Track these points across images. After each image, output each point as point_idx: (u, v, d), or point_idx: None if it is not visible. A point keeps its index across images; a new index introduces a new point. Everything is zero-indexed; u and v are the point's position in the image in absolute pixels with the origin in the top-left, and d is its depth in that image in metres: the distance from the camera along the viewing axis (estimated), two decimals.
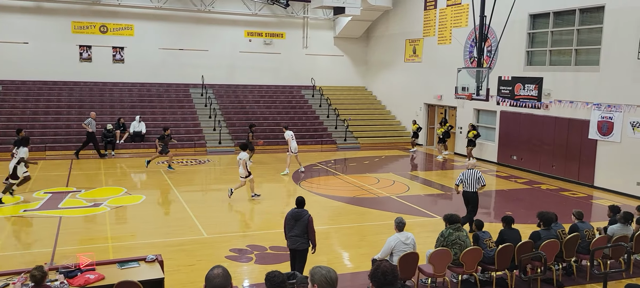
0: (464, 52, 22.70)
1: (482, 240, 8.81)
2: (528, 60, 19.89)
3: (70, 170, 18.14)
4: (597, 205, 15.23)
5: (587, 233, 9.59)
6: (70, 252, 10.02)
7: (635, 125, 15.93)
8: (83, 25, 25.54)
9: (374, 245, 10.41)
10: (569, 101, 18.03)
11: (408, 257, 8.08)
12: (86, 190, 15.10)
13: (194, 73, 27.15)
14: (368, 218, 13.22)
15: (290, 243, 8.49)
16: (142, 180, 17.75)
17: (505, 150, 20.78)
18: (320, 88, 29.16)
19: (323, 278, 3.91)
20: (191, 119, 24.91)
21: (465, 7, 22.54)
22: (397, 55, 27.82)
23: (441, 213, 10.65)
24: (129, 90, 25.98)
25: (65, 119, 23.23)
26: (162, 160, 19.55)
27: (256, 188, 15.08)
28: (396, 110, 28.53)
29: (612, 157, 16.69)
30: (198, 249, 10.50)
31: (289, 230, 8.47)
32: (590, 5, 17.36)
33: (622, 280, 9.25)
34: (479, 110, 22.48)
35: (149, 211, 13.42)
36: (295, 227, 8.39)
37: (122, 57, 26.32)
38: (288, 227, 8.50)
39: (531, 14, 19.50)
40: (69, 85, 25.27)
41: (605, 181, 16.94)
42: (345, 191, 16.25)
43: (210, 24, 27.66)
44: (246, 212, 13.84)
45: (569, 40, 18.25)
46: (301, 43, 29.65)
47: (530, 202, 15.28)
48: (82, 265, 6.87)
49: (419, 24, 25.93)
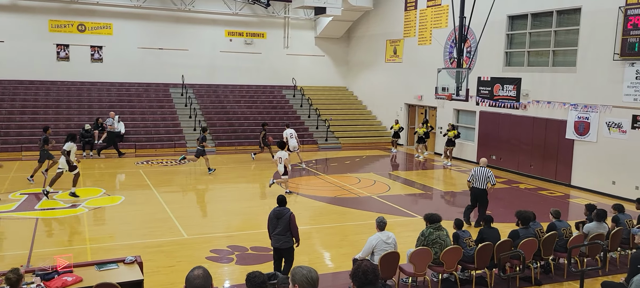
0: (444, 52, 22.89)
1: (462, 239, 8.89)
2: (507, 61, 20.14)
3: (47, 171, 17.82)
4: (574, 204, 15.48)
5: (564, 231, 9.74)
6: (47, 254, 9.86)
7: (611, 125, 16.23)
8: (60, 23, 25.15)
9: (355, 245, 10.43)
10: (547, 101, 18.30)
11: (389, 256, 8.12)
12: (63, 191, 14.86)
13: (174, 72, 26.92)
14: (349, 218, 13.25)
15: (274, 242, 8.53)
16: (121, 180, 17.53)
17: (485, 150, 20.99)
18: (302, 88, 29.14)
19: (304, 278, 3.90)
20: (171, 118, 24.69)
21: (445, 8, 22.72)
22: (378, 55, 27.94)
23: (422, 212, 10.72)
24: (107, 89, 25.64)
25: (42, 119, 22.82)
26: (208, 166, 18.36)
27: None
28: (377, 110, 28.65)
29: (588, 156, 16.98)
30: (178, 250, 10.41)
31: (273, 229, 8.51)
32: (567, 7, 17.64)
33: (598, 278, 9.41)
34: (458, 111, 22.69)
35: (128, 212, 13.26)
36: (278, 225, 8.45)
37: (101, 56, 25.99)
38: (271, 225, 8.56)
39: (510, 15, 19.74)
40: (45, 84, 24.86)
41: (582, 180, 17.23)
42: (327, 191, 16.26)
43: (191, 23, 27.46)
44: (227, 212, 13.76)
45: (547, 41, 18.52)
46: (282, 43, 29.60)
47: (509, 201, 15.47)
48: (59, 267, 6.75)
49: (399, 24, 26.07)
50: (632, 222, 10.42)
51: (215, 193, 15.33)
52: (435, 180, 18.95)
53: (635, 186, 15.41)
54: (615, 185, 16.09)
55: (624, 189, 15.75)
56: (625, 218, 10.38)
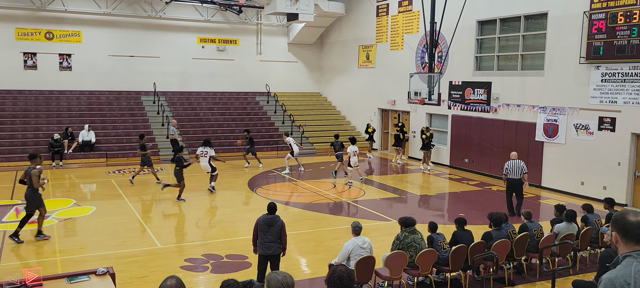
0: (415, 57, 23.14)
1: (437, 241, 8.98)
2: (477, 65, 20.46)
3: (15, 182, 17.40)
4: (545, 205, 15.77)
5: (536, 232, 9.91)
6: (15, 267, 9.62)
7: (578, 127, 16.61)
8: (27, 31, 24.63)
9: (331, 251, 10.43)
10: (517, 105, 18.65)
11: (364, 260, 8.14)
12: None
13: (145, 80, 26.59)
14: (324, 224, 13.25)
15: (264, 249, 8.42)
16: (92, 190, 17.21)
17: (457, 153, 21.28)
18: (275, 94, 29.09)
19: (279, 284, 3.88)
20: (143, 126, 24.36)
21: (416, 13, 22.99)
22: (351, 60, 28.09)
23: (396, 216, 10.78)
24: (77, 98, 25.18)
25: (9, 130, 22.30)
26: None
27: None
28: (351, 115, 28.77)
29: (557, 158, 17.34)
30: (151, 260, 10.25)
31: (263, 236, 8.42)
32: (533, 12, 18.03)
33: (569, 277, 9.60)
34: (431, 115, 22.94)
35: (99, 222, 13.01)
36: (269, 233, 8.38)
37: (70, 64, 25.52)
38: (261, 232, 8.44)
39: (479, 20, 20.08)
40: (12, 93, 24.28)
41: (551, 181, 17.58)
42: (302, 197, 16.25)
43: (162, 30, 27.19)
44: (201, 220, 13.62)
45: (515, 46, 18.88)
46: (255, 49, 29.52)
47: (481, 204, 15.68)
48: (28, 281, 6.57)
49: (371, 30, 26.27)
50: (601, 222, 10.67)
51: (190, 202, 15.15)
52: (409, 184, 19.10)
53: (603, 186, 15.79)
54: (583, 186, 16.45)
55: (592, 189, 16.12)
56: (594, 218, 10.62)
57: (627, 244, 3.08)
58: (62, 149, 21.00)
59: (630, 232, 3.07)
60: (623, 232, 3.10)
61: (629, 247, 3.07)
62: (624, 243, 3.10)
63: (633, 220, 3.08)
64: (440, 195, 17.43)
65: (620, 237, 3.12)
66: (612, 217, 3.24)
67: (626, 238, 3.09)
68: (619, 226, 3.13)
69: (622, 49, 15.02)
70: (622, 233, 3.11)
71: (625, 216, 3.12)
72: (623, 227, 3.10)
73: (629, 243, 3.08)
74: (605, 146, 15.83)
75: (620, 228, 3.12)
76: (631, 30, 14.77)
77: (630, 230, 3.07)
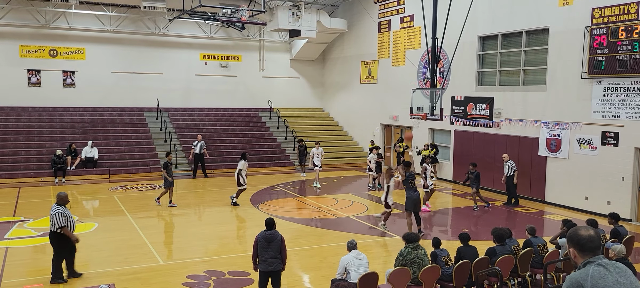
0: (417, 73, 23.20)
1: (440, 257, 8.93)
2: (479, 80, 20.50)
3: (18, 199, 17.42)
4: (549, 220, 15.69)
5: (540, 248, 9.85)
6: (18, 284, 9.60)
7: (581, 142, 16.58)
8: (32, 49, 24.80)
9: (334, 267, 10.31)
10: (519, 119, 18.64)
11: (367, 276, 8.10)
12: (35, 219, 14.51)
13: (148, 96, 26.70)
14: (328, 240, 13.19)
15: (265, 266, 8.35)
16: (95, 207, 17.20)
17: (460, 168, 21.20)
18: (278, 110, 29.16)
19: None
20: (146, 143, 24.41)
21: (417, 29, 23.10)
22: (353, 76, 28.18)
23: (400, 232, 10.74)
24: (80, 114, 25.28)
25: (13, 146, 22.37)
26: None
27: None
28: (353, 131, 28.79)
29: (561, 172, 17.29)
30: (154, 277, 10.21)
31: (263, 252, 8.35)
32: (535, 28, 18.09)
33: None
34: (433, 130, 22.94)
35: (101, 239, 12.98)
36: (269, 249, 8.32)
37: (73, 81, 25.66)
38: (262, 249, 8.36)
39: (480, 36, 20.16)
40: (16, 110, 24.40)
41: (555, 196, 17.51)
42: (304, 213, 16.20)
43: (165, 47, 27.35)
44: (204, 236, 13.58)
45: (517, 61, 18.93)
46: (257, 65, 29.66)
47: (485, 219, 15.60)
48: None
49: (373, 46, 26.38)
50: (606, 237, 10.60)
51: (192, 218, 15.13)
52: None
53: (607, 201, 15.72)
54: (588, 201, 16.38)
55: (596, 204, 16.05)
56: (599, 233, 10.54)
57: (584, 257, 3.48)
58: (65, 165, 21.04)
59: (585, 246, 3.46)
60: (578, 246, 3.49)
61: (586, 259, 3.46)
62: (580, 256, 3.49)
63: (585, 234, 3.47)
64: (443, 211, 17.36)
65: (577, 251, 3.50)
66: (567, 235, 3.59)
67: (582, 252, 3.48)
68: (574, 242, 3.50)
69: (624, 63, 15.04)
70: (577, 248, 3.49)
71: (578, 232, 3.51)
72: (578, 242, 3.49)
73: (586, 255, 3.47)
74: (608, 161, 15.78)
75: (575, 244, 3.50)
76: (633, 44, 14.80)
77: (584, 244, 3.46)
